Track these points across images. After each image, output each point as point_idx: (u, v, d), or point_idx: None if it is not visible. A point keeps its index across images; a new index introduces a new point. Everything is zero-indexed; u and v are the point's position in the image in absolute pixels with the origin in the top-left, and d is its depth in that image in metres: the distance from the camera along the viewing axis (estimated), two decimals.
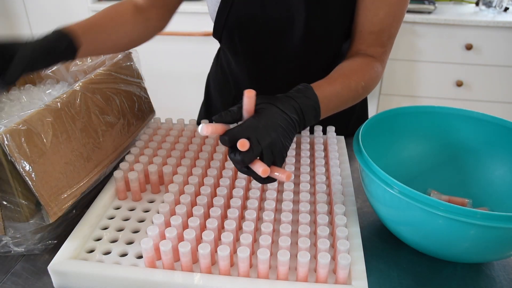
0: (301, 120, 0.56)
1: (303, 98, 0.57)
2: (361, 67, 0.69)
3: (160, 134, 0.75)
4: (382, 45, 0.72)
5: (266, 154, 0.51)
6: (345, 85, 0.64)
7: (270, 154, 0.51)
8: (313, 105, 0.58)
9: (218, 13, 0.77)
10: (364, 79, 0.67)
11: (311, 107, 0.57)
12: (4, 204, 0.53)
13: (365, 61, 0.70)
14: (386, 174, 0.52)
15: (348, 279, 0.50)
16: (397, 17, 0.71)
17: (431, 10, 1.92)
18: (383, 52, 0.72)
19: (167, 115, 0.85)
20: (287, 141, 0.54)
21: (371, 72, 0.69)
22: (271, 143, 0.51)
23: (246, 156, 0.50)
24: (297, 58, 0.80)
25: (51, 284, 0.53)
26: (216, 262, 0.52)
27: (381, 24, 0.70)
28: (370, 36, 0.71)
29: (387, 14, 0.69)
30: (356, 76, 0.66)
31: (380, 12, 0.69)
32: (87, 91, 0.64)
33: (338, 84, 0.64)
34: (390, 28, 0.71)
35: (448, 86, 2.05)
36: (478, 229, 0.48)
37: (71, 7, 2.15)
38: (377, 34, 0.71)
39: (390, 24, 0.71)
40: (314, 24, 0.74)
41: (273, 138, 0.51)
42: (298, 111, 0.56)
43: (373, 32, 0.71)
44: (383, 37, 0.71)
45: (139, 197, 0.65)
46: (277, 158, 0.52)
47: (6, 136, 0.50)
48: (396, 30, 0.72)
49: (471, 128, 0.68)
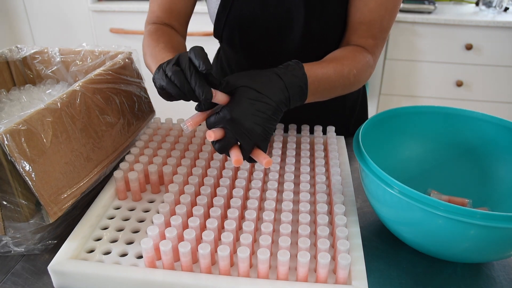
0: (286, 99, 0.56)
1: (290, 76, 0.57)
2: (353, 55, 0.69)
3: (160, 134, 0.75)
4: (373, 37, 0.72)
5: (243, 141, 0.53)
6: (337, 70, 0.64)
7: (248, 140, 0.53)
8: (300, 84, 0.57)
9: (218, 14, 0.77)
10: (356, 67, 0.67)
11: (297, 86, 0.57)
12: (4, 204, 0.53)
13: (357, 50, 0.71)
14: (386, 174, 0.52)
15: (348, 279, 0.50)
16: (389, 10, 0.70)
17: (431, 10, 1.92)
18: (374, 45, 0.72)
19: (167, 115, 0.85)
20: (266, 124, 0.54)
21: (362, 61, 0.69)
22: (246, 128, 0.52)
23: (221, 145, 0.53)
24: (296, 57, 0.80)
25: (51, 284, 0.53)
26: (216, 262, 0.52)
27: (372, 15, 0.70)
28: (360, 26, 0.71)
29: (378, 4, 0.69)
30: (348, 62, 0.67)
31: (371, 2, 0.69)
32: (87, 91, 0.64)
33: (331, 68, 0.64)
34: (382, 20, 0.71)
35: (448, 86, 2.05)
36: (478, 229, 0.48)
37: (71, 7, 2.15)
38: (368, 25, 0.71)
39: (381, 16, 0.70)
40: (313, 22, 0.74)
41: (247, 122, 0.52)
42: (283, 91, 0.55)
43: (363, 23, 0.71)
44: (374, 29, 0.71)
45: (139, 197, 0.65)
46: (258, 142, 0.53)
47: (6, 136, 0.50)
48: (388, 24, 0.72)
49: (471, 128, 0.68)
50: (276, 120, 0.55)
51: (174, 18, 0.78)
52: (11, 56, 0.82)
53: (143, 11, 2.08)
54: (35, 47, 0.83)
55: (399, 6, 0.72)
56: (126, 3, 2.13)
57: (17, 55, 0.83)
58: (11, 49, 0.83)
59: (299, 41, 0.76)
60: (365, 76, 0.71)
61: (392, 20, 0.72)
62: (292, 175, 0.64)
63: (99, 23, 2.15)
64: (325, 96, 0.65)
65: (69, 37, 2.23)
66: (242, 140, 0.53)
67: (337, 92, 0.67)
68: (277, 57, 0.80)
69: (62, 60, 0.82)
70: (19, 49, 0.83)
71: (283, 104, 0.55)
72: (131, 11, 2.09)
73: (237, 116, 0.52)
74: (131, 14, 2.10)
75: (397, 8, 0.72)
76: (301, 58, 0.80)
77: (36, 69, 0.85)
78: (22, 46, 0.84)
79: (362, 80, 0.70)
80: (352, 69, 0.66)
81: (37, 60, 0.84)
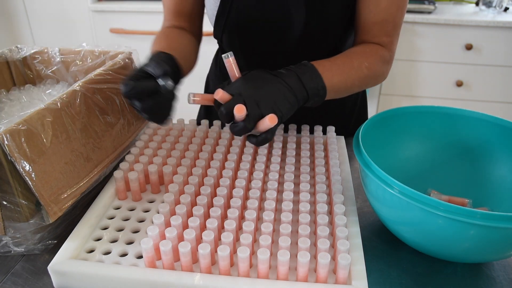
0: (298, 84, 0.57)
1: (297, 66, 0.58)
2: (364, 50, 0.70)
3: (160, 134, 0.75)
4: (388, 35, 0.72)
5: (249, 104, 0.53)
6: (346, 62, 0.65)
7: (254, 105, 0.53)
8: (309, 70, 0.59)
9: (217, 16, 0.77)
10: (367, 60, 0.67)
11: (307, 72, 0.58)
12: (4, 204, 0.53)
13: (369, 47, 0.71)
14: (386, 174, 0.52)
15: (348, 279, 0.50)
16: (401, 6, 0.71)
17: (431, 10, 1.92)
18: (390, 42, 0.73)
19: None
20: (277, 95, 0.54)
21: (375, 56, 0.69)
22: (254, 94, 0.53)
23: (226, 105, 0.53)
24: (297, 57, 0.80)
25: (51, 284, 0.53)
26: (216, 262, 0.52)
27: (385, 14, 0.70)
28: (374, 26, 0.72)
29: (389, 3, 0.70)
30: (357, 55, 0.67)
31: (382, 2, 0.69)
32: (87, 91, 0.64)
33: (339, 60, 0.65)
34: (395, 18, 0.71)
35: (448, 86, 2.05)
36: (478, 229, 0.48)
37: (71, 7, 2.15)
38: (381, 24, 0.71)
39: (394, 14, 0.71)
40: (314, 24, 0.74)
41: (256, 90, 0.53)
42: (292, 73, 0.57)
43: (376, 23, 0.71)
44: (387, 27, 0.71)
45: (139, 197, 0.65)
46: (263, 109, 0.53)
47: (6, 136, 0.50)
48: (400, 20, 0.73)
49: (471, 128, 0.68)
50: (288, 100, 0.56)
51: (184, 20, 0.80)
52: (11, 56, 0.82)
53: (143, 11, 2.08)
54: (35, 47, 0.84)
55: (408, 0, 0.72)
56: (126, 3, 2.13)
57: (17, 55, 0.83)
58: (11, 49, 0.83)
59: (298, 42, 0.76)
60: (382, 70, 0.71)
61: (403, 16, 0.73)
62: (292, 175, 0.64)
63: (99, 23, 2.15)
64: (343, 88, 0.65)
65: (69, 37, 2.23)
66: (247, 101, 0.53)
67: (355, 85, 0.67)
68: (277, 58, 0.80)
69: (62, 60, 0.82)
70: (19, 49, 0.83)
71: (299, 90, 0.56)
72: (131, 11, 2.09)
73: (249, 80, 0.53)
74: (131, 14, 2.10)
75: (407, 3, 0.72)
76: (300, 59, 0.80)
77: (36, 69, 0.85)
78: (22, 46, 0.84)
79: (379, 73, 0.70)
80: (363, 62, 0.66)
81: (37, 60, 0.84)
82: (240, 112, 0.52)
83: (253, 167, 0.68)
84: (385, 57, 0.71)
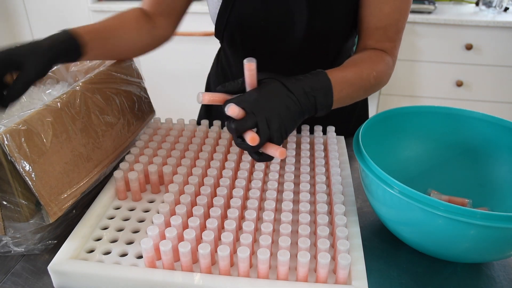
0: (311, 104, 0.55)
1: (314, 80, 0.56)
2: (371, 58, 0.69)
3: (160, 134, 0.75)
4: (391, 40, 0.72)
5: (261, 127, 0.51)
6: (356, 73, 0.64)
7: (266, 128, 0.51)
8: (325, 87, 0.57)
9: (219, 14, 0.77)
10: (375, 69, 0.67)
11: (322, 90, 0.56)
12: (4, 204, 0.53)
13: (375, 53, 0.71)
14: (386, 174, 0.52)
15: (348, 279, 0.50)
16: (404, 11, 0.71)
17: (431, 10, 1.92)
18: (393, 47, 0.72)
19: (167, 115, 0.85)
20: (288, 120, 0.52)
21: (381, 63, 0.69)
22: (268, 117, 0.51)
23: (239, 124, 0.50)
24: (299, 58, 0.80)
25: (51, 284, 0.53)
26: (216, 262, 0.52)
27: (388, 19, 0.70)
28: (377, 31, 0.71)
29: (393, 9, 0.69)
30: (366, 65, 0.66)
31: (385, 7, 0.69)
32: (87, 91, 0.64)
33: (349, 71, 0.63)
34: (397, 23, 0.71)
35: (448, 86, 2.05)
36: (478, 229, 0.48)
37: (71, 7, 2.15)
38: (384, 29, 0.71)
39: (397, 19, 0.71)
40: (317, 23, 0.74)
41: (271, 112, 0.51)
42: (308, 94, 0.55)
43: (379, 28, 0.71)
44: (390, 32, 0.71)
45: (139, 197, 0.65)
46: (274, 134, 0.51)
47: (6, 136, 0.50)
48: (403, 25, 0.72)
49: (471, 128, 0.68)
50: (295, 121, 0.54)
51: (160, 13, 0.77)
52: None
53: None
54: None
55: (411, 5, 0.72)
56: (126, 3, 2.12)
57: None
58: None
59: (302, 41, 0.76)
60: (386, 78, 0.71)
61: (406, 20, 0.73)
62: (292, 175, 0.64)
63: None
64: (348, 100, 0.64)
65: None
66: (260, 124, 0.51)
67: (360, 95, 0.67)
68: (279, 58, 0.80)
69: None
70: None
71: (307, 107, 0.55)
72: None
73: (264, 98, 0.50)
74: None
75: (409, 8, 0.72)
76: (303, 59, 0.80)
77: None
78: None
79: (383, 82, 0.70)
80: (372, 72, 0.66)
81: None
82: (253, 143, 0.50)
83: (253, 167, 0.68)
84: (389, 64, 0.71)
